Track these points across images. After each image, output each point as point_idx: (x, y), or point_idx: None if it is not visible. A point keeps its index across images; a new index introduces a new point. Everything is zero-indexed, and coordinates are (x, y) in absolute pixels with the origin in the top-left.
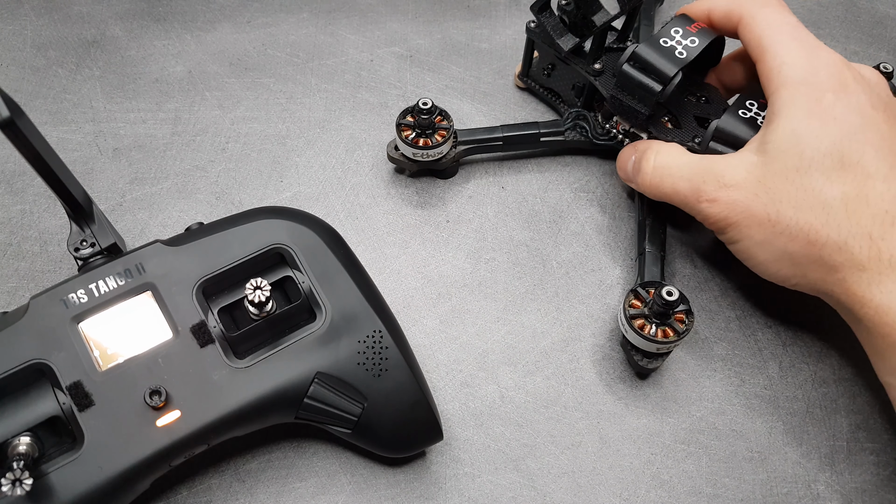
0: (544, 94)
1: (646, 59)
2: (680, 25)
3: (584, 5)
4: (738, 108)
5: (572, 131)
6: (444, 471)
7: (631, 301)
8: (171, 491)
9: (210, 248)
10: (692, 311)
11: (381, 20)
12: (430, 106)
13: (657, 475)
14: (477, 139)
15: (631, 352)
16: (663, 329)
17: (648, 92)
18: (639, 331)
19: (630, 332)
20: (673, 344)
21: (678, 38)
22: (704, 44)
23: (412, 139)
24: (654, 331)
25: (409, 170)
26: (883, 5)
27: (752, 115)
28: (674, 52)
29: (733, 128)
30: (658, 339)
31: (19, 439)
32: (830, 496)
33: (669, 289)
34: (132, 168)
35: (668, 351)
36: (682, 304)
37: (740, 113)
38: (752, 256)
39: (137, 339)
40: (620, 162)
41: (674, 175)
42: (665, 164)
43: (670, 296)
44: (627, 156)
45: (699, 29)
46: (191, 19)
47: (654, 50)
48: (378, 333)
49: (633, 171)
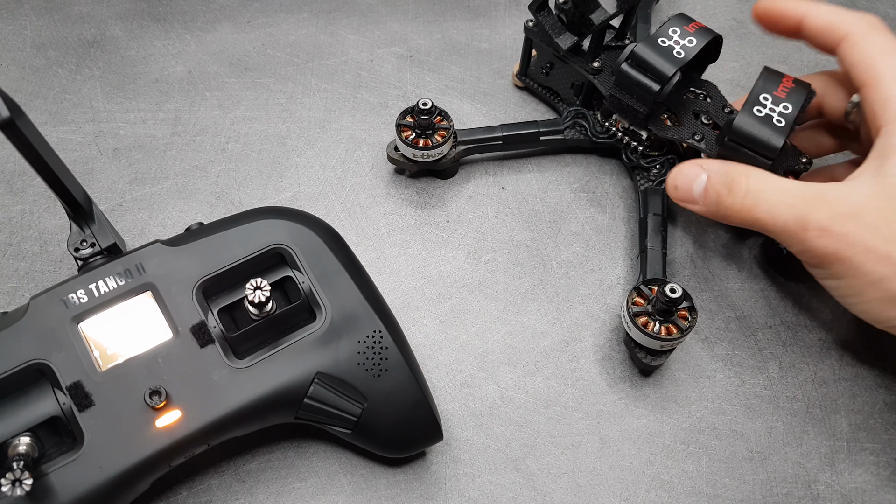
0: (543, 92)
1: (644, 59)
2: (678, 25)
3: (582, 4)
4: (752, 106)
5: (571, 130)
6: (444, 471)
7: (634, 298)
8: (171, 491)
9: (210, 248)
10: (695, 307)
11: (381, 20)
12: (429, 106)
13: (657, 475)
14: (477, 139)
15: (635, 349)
16: (667, 326)
17: (647, 91)
18: (642, 328)
19: (633, 330)
20: (677, 341)
21: (676, 38)
22: (703, 43)
23: (412, 140)
24: (657, 328)
25: (409, 170)
26: (883, 5)
27: (767, 112)
28: (672, 51)
29: (751, 128)
30: (662, 337)
31: (19, 439)
32: (830, 496)
33: (673, 286)
34: (132, 168)
35: (672, 348)
36: (686, 301)
37: (755, 111)
38: (858, 294)
39: (137, 340)
40: (680, 180)
41: (771, 200)
42: (762, 187)
43: (673, 293)
44: (692, 175)
45: (697, 28)
46: (191, 19)
47: (652, 49)
48: (378, 333)
49: (710, 193)
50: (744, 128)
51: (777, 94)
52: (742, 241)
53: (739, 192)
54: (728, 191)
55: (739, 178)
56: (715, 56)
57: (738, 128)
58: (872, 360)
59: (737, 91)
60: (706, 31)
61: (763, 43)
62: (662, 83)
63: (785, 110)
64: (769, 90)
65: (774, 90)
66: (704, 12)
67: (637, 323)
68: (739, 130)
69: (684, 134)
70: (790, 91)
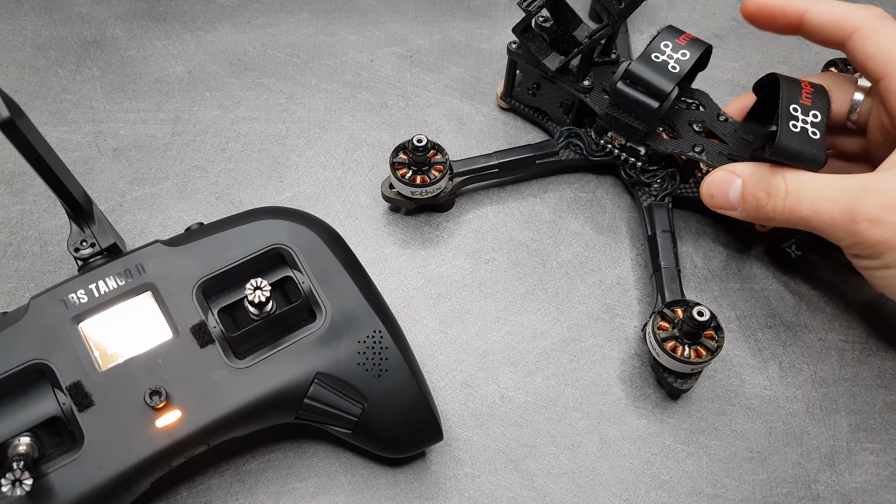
0: (530, 113)
1: (640, 76)
2: (669, 39)
3: (564, 21)
4: (788, 122)
5: (566, 150)
6: (444, 471)
7: (659, 323)
8: (171, 491)
9: (210, 248)
10: (720, 326)
11: (381, 20)
12: (424, 143)
13: (657, 475)
14: (473, 169)
15: (664, 374)
16: (695, 349)
17: (646, 110)
18: (671, 353)
19: (662, 356)
20: (707, 363)
21: (669, 52)
22: (696, 56)
23: (409, 178)
24: (687, 352)
25: (405, 208)
26: (883, 5)
27: (801, 125)
28: (667, 66)
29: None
30: (692, 361)
31: (19, 439)
32: (830, 496)
33: (700, 309)
34: (132, 168)
35: (702, 370)
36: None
37: (791, 126)
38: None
39: (137, 340)
40: (715, 188)
41: (813, 197)
42: (802, 186)
43: (701, 315)
44: (726, 182)
45: (688, 41)
46: (191, 19)
47: (647, 66)
48: (378, 333)
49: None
50: (789, 146)
51: (804, 101)
52: (742, 241)
53: (780, 194)
54: (767, 195)
55: (777, 181)
56: (704, 64)
57: (783, 147)
58: (872, 360)
59: (737, 91)
60: (698, 43)
61: (763, 43)
62: (661, 100)
63: (815, 118)
64: (795, 99)
65: (800, 98)
66: (704, 12)
67: (666, 349)
68: (783, 150)
69: (684, 147)
70: (813, 97)
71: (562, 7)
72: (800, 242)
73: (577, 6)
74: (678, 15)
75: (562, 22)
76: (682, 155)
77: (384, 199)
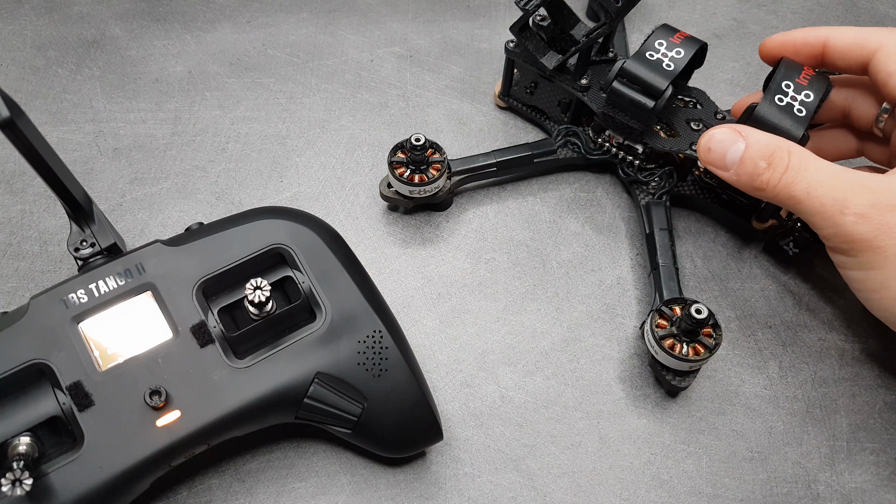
0: (528, 112)
1: (635, 75)
2: (663, 37)
3: (561, 20)
4: (774, 95)
5: (564, 149)
6: (444, 471)
7: (657, 321)
8: (171, 491)
9: (210, 248)
10: (719, 323)
11: (381, 20)
12: (422, 142)
13: (657, 475)
14: (471, 168)
15: (662, 372)
16: (693, 346)
17: (641, 108)
18: (670, 351)
19: (661, 354)
20: (705, 360)
21: (663, 51)
22: (691, 54)
23: (407, 176)
24: (685, 350)
25: (403, 207)
26: (883, 5)
27: (788, 101)
28: (661, 64)
29: (772, 117)
30: (690, 358)
31: (19, 439)
32: (830, 496)
33: (698, 306)
34: (132, 168)
35: (700, 367)
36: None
37: (777, 100)
38: (883, 289)
39: (137, 339)
40: (714, 144)
41: (810, 179)
42: (803, 166)
43: (699, 313)
44: (728, 140)
45: (683, 39)
46: (191, 19)
47: (642, 64)
48: (378, 333)
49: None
50: (765, 117)
51: (799, 81)
52: (741, 241)
53: (780, 167)
54: (767, 164)
55: (782, 154)
56: (700, 62)
57: (760, 116)
58: (872, 360)
59: (736, 91)
60: (692, 41)
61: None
62: (656, 98)
63: (807, 98)
64: (791, 78)
65: (796, 78)
66: (704, 12)
67: (664, 346)
68: (761, 119)
69: (682, 145)
70: (812, 79)
71: (559, 6)
72: (797, 240)
73: (575, 5)
74: (678, 15)
75: (559, 20)
76: (679, 153)
77: (382, 199)
